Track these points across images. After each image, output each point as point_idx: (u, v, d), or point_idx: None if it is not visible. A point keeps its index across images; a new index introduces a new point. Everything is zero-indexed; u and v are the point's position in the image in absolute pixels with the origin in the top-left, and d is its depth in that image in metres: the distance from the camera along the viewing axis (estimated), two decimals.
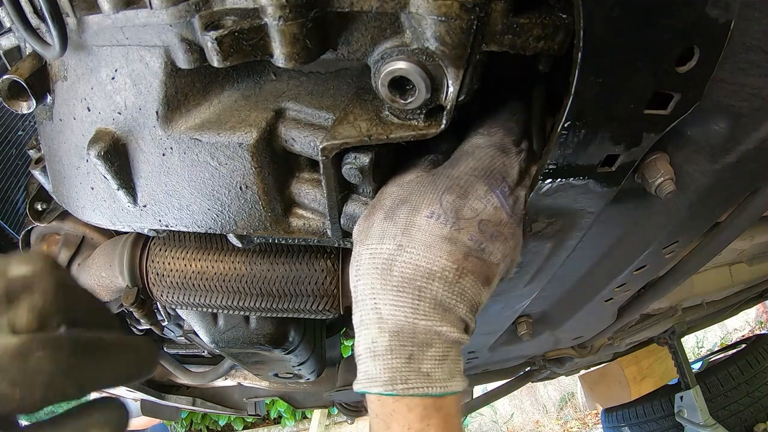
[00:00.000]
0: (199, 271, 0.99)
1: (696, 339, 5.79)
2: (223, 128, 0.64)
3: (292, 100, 0.65)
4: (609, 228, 0.80)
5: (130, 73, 0.63)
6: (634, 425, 2.92)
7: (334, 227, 0.71)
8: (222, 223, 0.75)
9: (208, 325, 1.23)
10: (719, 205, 0.72)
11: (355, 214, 0.67)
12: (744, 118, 0.56)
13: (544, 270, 0.88)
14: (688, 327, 2.30)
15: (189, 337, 1.57)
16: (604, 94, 0.49)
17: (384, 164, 0.66)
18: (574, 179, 0.60)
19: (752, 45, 0.48)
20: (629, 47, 0.45)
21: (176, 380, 2.14)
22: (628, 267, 0.90)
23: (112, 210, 0.77)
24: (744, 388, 2.63)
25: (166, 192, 0.72)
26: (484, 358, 1.51)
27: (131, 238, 1.03)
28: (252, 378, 2.14)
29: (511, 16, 0.47)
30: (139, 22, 0.56)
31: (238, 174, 0.68)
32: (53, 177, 0.85)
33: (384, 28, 0.52)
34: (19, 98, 0.70)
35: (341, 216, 0.69)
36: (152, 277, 1.01)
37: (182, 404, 2.26)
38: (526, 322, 1.27)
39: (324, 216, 0.71)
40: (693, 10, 0.43)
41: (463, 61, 0.50)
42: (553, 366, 1.93)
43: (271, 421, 5.71)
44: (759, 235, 1.45)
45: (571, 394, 6.30)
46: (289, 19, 0.49)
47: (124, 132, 0.68)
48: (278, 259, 0.97)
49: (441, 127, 0.56)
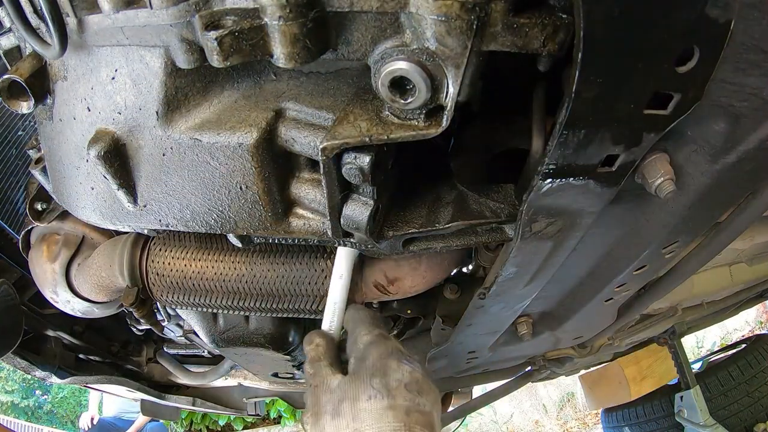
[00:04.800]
0: (199, 271, 0.99)
1: (696, 339, 5.78)
2: (223, 128, 0.64)
3: (292, 100, 0.65)
4: (609, 228, 0.80)
5: (130, 73, 0.63)
6: (634, 425, 2.92)
7: (334, 227, 0.71)
8: (222, 223, 0.75)
9: (208, 325, 1.23)
10: (719, 205, 0.72)
11: (356, 214, 0.68)
12: (744, 118, 0.56)
13: (544, 270, 0.88)
14: (688, 327, 2.30)
15: (189, 337, 1.57)
16: (604, 94, 0.49)
17: (384, 164, 0.66)
18: (574, 179, 0.60)
19: (752, 45, 0.48)
20: (629, 47, 0.45)
21: (176, 380, 2.14)
22: (628, 267, 0.90)
23: (112, 210, 0.77)
24: (744, 388, 2.63)
25: (167, 192, 0.72)
26: (484, 358, 1.51)
27: (131, 238, 1.03)
28: (252, 378, 2.14)
29: (511, 15, 0.47)
30: (139, 22, 0.56)
31: (238, 174, 0.68)
32: (53, 177, 0.85)
33: (384, 28, 0.52)
34: (19, 98, 0.70)
35: (341, 216, 0.69)
36: (152, 277, 1.01)
37: (182, 404, 2.26)
38: (526, 322, 1.27)
39: (324, 216, 0.71)
40: (693, 10, 0.43)
41: (464, 61, 0.50)
42: (553, 366, 1.92)
43: (271, 421, 5.71)
44: (759, 235, 1.45)
45: (571, 394, 6.30)
46: (289, 19, 0.49)
47: (124, 132, 0.68)
48: (278, 259, 0.97)
49: (441, 127, 0.56)
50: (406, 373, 0.72)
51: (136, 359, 2.05)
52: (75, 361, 1.76)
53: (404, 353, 0.77)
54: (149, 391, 2.07)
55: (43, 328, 1.58)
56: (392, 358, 0.74)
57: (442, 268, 1.07)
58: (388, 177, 0.70)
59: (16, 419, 8.01)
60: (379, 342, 0.78)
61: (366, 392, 0.70)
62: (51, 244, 1.15)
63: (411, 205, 0.78)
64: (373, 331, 0.81)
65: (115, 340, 1.96)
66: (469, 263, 1.32)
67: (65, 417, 8.86)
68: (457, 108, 0.54)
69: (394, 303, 1.32)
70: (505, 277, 0.87)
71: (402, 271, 1.03)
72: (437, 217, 0.76)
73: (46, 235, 1.17)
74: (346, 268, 0.89)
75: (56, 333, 1.63)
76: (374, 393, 0.69)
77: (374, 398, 0.69)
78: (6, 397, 8.44)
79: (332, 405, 0.71)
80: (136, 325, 1.68)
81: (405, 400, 0.69)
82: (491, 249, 0.99)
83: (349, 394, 0.71)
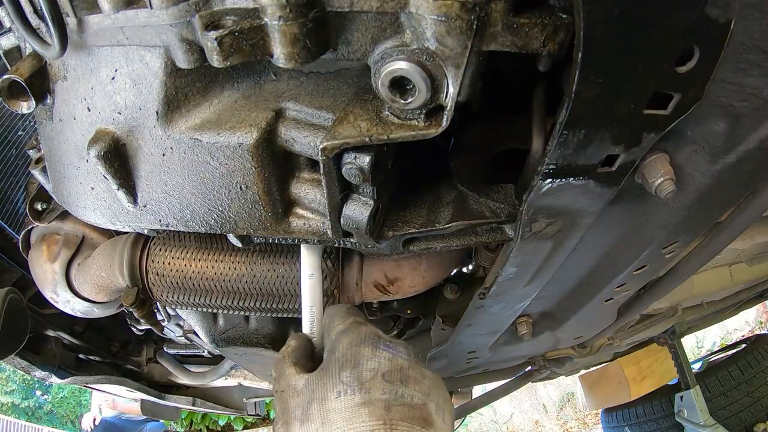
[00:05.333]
0: (199, 271, 0.99)
1: (696, 339, 5.78)
2: (223, 128, 0.64)
3: (292, 100, 0.65)
4: (609, 228, 0.80)
5: (130, 73, 0.63)
6: (634, 425, 2.92)
7: (334, 227, 0.71)
8: (222, 223, 0.75)
9: (208, 325, 1.23)
10: (719, 205, 0.72)
11: (356, 214, 0.68)
12: (744, 118, 0.56)
13: (544, 270, 0.88)
14: (688, 327, 2.30)
15: (189, 337, 1.57)
16: (604, 94, 0.49)
17: (384, 164, 0.66)
18: (574, 179, 0.60)
19: (752, 45, 0.48)
20: (629, 47, 0.45)
21: (176, 380, 2.14)
22: (628, 267, 0.90)
23: (112, 210, 0.77)
24: (744, 388, 2.63)
25: (167, 192, 0.72)
26: (484, 358, 1.51)
27: (131, 238, 1.03)
28: (252, 378, 2.14)
29: (511, 15, 0.47)
30: (139, 22, 0.56)
31: (238, 174, 0.68)
32: (53, 177, 0.85)
33: (384, 28, 0.52)
34: (19, 98, 0.70)
35: (341, 216, 0.69)
36: (152, 277, 1.01)
37: (182, 404, 2.26)
38: (526, 322, 1.27)
39: (324, 216, 0.71)
40: (693, 10, 0.43)
41: (464, 61, 0.50)
42: (553, 366, 1.93)
43: (271, 421, 5.71)
44: (759, 235, 1.45)
45: (571, 394, 6.30)
46: (289, 19, 0.49)
47: (124, 132, 0.68)
48: (278, 259, 0.97)
49: (441, 127, 0.56)
50: (384, 360, 0.62)
51: (136, 359, 2.06)
52: (75, 361, 1.76)
53: (382, 337, 0.66)
54: (149, 391, 2.07)
55: (43, 328, 1.58)
56: (366, 344, 0.64)
57: (442, 268, 1.07)
58: (388, 177, 0.70)
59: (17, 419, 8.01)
60: (350, 329, 0.68)
61: (335, 388, 0.59)
62: (51, 244, 1.15)
63: (411, 205, 0.78)
64: (347, 320, 0.72)
65: (115, 340, 1.96)
66: (469, 263, 1.32)
67: (65, 417, 8.87)
68: (457, 108, 0.54)
69: (394, 303, 1.32)
70: (505, 277, 0.87)
71: (402, 271, 1.03)
72: (437, 217, 0.76)
73: (46, 235, 1.17)
74: (314, 266, 0.85)
75: (56, 333, 1.63)
76: (344, 388, 0.59)
77: (344, 394, 0.58)
78: (6, 398, 8.44)
79: (301, 409, 0.61)
80: (136, 325, 1.68)
81: (383, 392, 0.58)
82: (491, 249, 0.99)
83: (317, 394, 0.61)
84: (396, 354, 0.63)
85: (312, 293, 0.86)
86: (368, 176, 0.60)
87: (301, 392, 0.64)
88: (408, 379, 0.60)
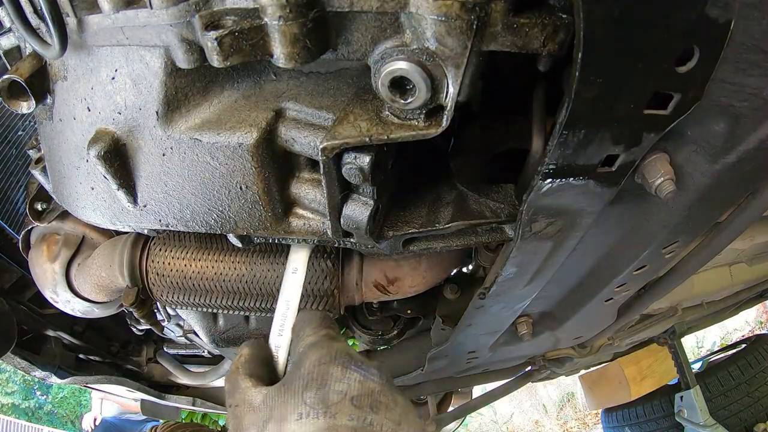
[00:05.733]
0: (199, 271, 0.99)
1: (696, 339, 5.79)
2: (223, 128, 0.64)
3: (292, 100, 0.65)
4: (609, 228, 0.80)
5: (130, 73, 0.63)
6: (634, 425, 2.92)
7: (334, 227, 0.71)
8: (222, 223, 0.75)
9: (208, 325, 1.23)
10: (719, 205, 0.72)
11: (356, 214, 0.68)
12: (744, 118, 0.56)
13: (544, 270, 0.88)
14: (688, 327, 2.30)
15: (189, 337, 1.57)
16: (604, 94, 0.49)
17: (384, 164, 0.66)
18: (574, 179, 0.60)
19: (752, 45, 0.48)
20: (629, 47, 0.45)
21: (176, 380, 2.14)
22: (628, 267, 0.90)
23: (112, 210, 0.77)
24: (744, 388, 2.64)
25: (167, 192, 0.72)
26: (484, 358, 1.51)
27: (131, 238, 1.03)
28: None
29: (511, 15, 0.47)
30: (139, 22, 0.56)
31: (238, 174, 0.68)
32: (53, 177, 0.85)
33: (384, 28, 0.52)
34: (19, 98, 0.70)
35: (341, 216, 0.69)
36: (152, 277, 1.01)
37: (182, 404, 2.26)
38: (526, 322, 1.27)
39: (324, 216, 0.71)
40: (693, 10, 0.43)
41: (464, 61, 0.50)
42: (553, 366, 1.93)
43: None
44: (759, 235, 1.45)
45: (571, 394, 6.30)
46: (289, 19, 0.49)
47: (124, 132, 0.68)
48: (278, 259, 0.97)
49: (441, 127, 0.56)
50: (355, 382, 0.57)
51: (136, 359, 2.06)
52: (75, 361, 1.76)
53: (354, 357, 0.61)
54: (149, 391, 2.07)
55: (43, 328, 1.58)
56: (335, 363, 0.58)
57: (442, 268, 1.07)
58: (388, 177, 0.70)
59: (17, 420, 8.02)
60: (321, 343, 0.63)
61: (296, 410, 0.54)
62: (51, 244, 1.15)
63: (411, 205, 0.78)
64: (319, 332, 0.66)
65: (115, 340, 1.96)
66: (469, 263, 1.32)
67: (65, 417, 8.87)
68: (457, 108, 0.54)
69: (394, 303, 1.32)
70: (505, 277, 0.87)
71: (402, 271, 1.03)
72: (437, 217, 0.76)
73: (46, 235, 1.17)
74: (300, 262, 0.81)
75: (56, 333, 1.63)
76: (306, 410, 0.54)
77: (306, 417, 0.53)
78: (7, 399, 8.45)
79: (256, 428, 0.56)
80: (136, 325, 1.68)
81: (350, 418, 0.53)
82: (491, 249, 0.99)
83: (275, 413, 0.55)
84: (367, 377, 0.58)
85: (291, 288, 0.82)
86: (368, 176, 0.60)
87: (257, 409, 0.58)
88: (379, 405, 0.55)
